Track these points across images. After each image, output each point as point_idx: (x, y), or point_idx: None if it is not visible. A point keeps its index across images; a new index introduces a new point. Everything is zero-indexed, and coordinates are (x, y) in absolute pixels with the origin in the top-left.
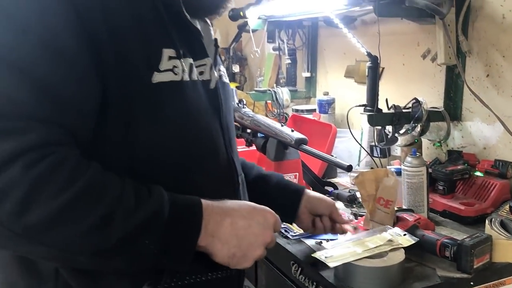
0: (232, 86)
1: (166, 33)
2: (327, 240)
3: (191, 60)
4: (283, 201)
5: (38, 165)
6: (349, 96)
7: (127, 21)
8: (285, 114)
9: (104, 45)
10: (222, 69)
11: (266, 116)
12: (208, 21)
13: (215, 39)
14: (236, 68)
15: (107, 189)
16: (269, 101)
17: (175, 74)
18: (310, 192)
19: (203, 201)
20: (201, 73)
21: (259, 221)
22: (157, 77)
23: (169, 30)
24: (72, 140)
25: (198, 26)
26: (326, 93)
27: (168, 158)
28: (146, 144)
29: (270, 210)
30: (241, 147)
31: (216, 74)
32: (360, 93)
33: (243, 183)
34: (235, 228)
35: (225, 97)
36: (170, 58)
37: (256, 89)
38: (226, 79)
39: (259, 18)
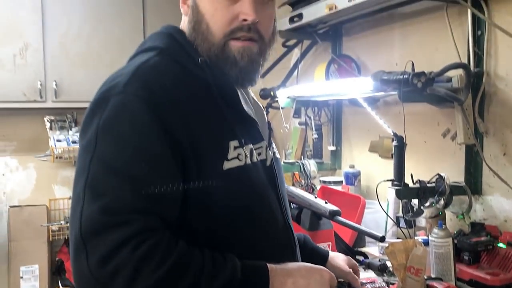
0: None
1: (230, 127)
2: None
3: (251, 146)
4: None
5: (140, 248)
6: (373, 169)
7: (200, 124)
8: (312, 185)
9: (186, 150)
10: (274, 147)
11: (293, 185)
12: (261, 105)
13: (269, 123)
14: None
15: (192, 262)
16: (296, 172)
17: (240, 160)
18: (333, 257)
19: (269, 265)
20: (259, 154)
21: (317, 279)
22: (226, 165)
23: (232, 124)
24: (163, 225)
25: (252, 112)
26: (352, 166)
27: (239, 229)
28: (220, 219)
29: (326, 269)
30: None
31: (270, 153)
32: (385, 166)
33: (298, 245)
34: (296, 287)
35: (278, 171)
36: (235, 148)
37: (284, 161)
38: (278, 155)
39: (288, 97)
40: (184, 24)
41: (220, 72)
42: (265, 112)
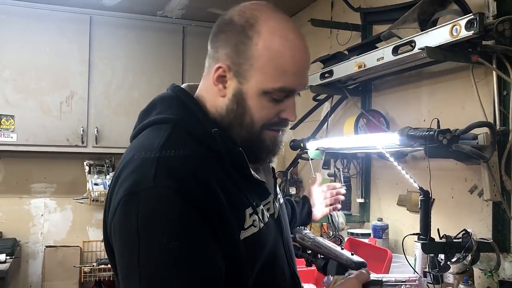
0: None
1: (243, 194)
2: None
3: (262, 207)
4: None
5: None
6: (401, 223)
7: (224, 198)
8: (340, 237)
9: (217, 227)
10: (278, 191)
11: (321, 236)
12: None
13: (273, 170)
14: (292, 191)
15: None
16: (324, 224)
17: (255, 226)
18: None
19: None
20: (268, 209)
21: None
22: (243, 234)
23: (245, 191)
24: None
25: (261, 173)
26: (380, 219)
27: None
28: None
29: (358, 273)
30: (300, 267)
31: (277, 204)
32: (413, 220)
33: None
34: None
35: (284, 219)
36: (250, 215)
37: None
38: (281, 199)
39: (317, 149)
40: (211, 95)
41: (231, 142)
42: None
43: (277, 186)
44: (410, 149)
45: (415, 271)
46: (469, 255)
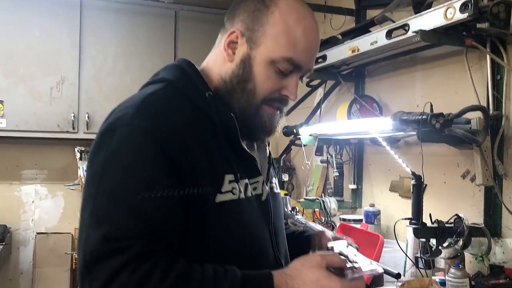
0: (282, 193)
1: (227, 160)
2: None
3: (246, 181)
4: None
5: (139, 271)
6: (394, 208)
7: (199, 153)
8: (332, 222)
9: (186, 177)
10: (274, 181)
11: (313, 222)
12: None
13: (269, 157)
14: (285, 177)
15: (192, 277)
16: (317, 209)
17: (234, 194)
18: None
19: (274, 272)
20: (254, 188)
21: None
22: (220, 198)
23: (229, 157)
24: (163, 248)
25: (255, 151)
26: (372, 205)
27: (228, 257)
28: (211, 250)
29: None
30: None
31: (267, 188)
32: (405, 206)
33: None
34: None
35: (275, 206)
36: (230, 182)
37: (305, 197)
38: (277, 189)
39: (310, 135)
40: (218, 63)
41: (225, 108)
42: (267, 145)
43: (273, 172)
44: (402, 133)
45: (407, 256)
46: (461, 239)
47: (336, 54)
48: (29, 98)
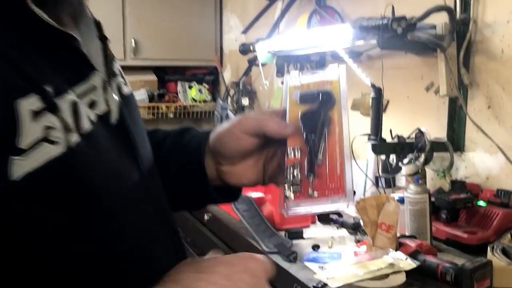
0: None
1: (13, 62)
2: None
3: (71, 95)
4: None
5: None
6: (355, 127)
7: None
8: None
9: None
10: (122, 76)
11: None
12: (89, 12)
13: (98, 26)
14: (245, 101)
15: None
16: None
17: (52, 143)
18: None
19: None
20: (91, 105)
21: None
22: (19, 167)
23: (18, 53)
24: None
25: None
26: None
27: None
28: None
29: (254, 256)
30: None
31: (115, 95)
32: (367, 125)
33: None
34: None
35: (134, 124)
36: (36, 115)
37: None
38: (128, 89)
39: (268, 52)
40: None
41: None
42: (96, 22)
43: (114, 60)
44: (364, 44)
45: (366, 175)
46: (422, 155)
47: None
48: None
